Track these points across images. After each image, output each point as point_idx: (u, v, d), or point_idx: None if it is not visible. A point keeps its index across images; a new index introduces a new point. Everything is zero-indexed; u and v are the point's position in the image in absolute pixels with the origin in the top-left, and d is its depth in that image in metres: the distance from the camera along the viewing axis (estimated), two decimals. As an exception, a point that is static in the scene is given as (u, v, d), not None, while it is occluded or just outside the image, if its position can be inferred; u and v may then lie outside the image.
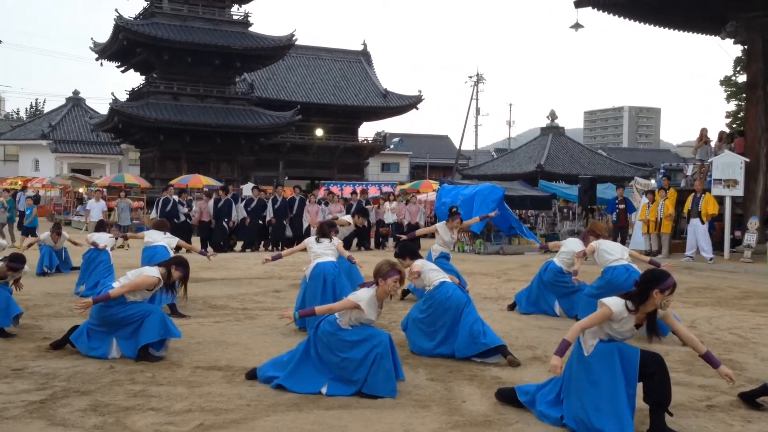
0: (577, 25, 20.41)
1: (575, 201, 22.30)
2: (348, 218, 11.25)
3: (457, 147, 57.74)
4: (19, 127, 54.17)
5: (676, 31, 20.54)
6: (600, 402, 4.51)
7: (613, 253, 7.84)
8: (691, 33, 20.58)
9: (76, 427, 4.55)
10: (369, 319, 5.42)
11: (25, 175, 45.88)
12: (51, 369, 5.92)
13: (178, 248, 9.91)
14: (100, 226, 11.55)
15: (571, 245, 8.84)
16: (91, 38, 39.15)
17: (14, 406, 4.91)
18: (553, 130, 48.63)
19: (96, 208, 21.03)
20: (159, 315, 6.43)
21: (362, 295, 5.38)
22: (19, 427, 4.53)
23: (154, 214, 20.72)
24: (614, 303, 4.57)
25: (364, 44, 55.28)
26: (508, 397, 5.10)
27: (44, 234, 12.85)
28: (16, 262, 7.41)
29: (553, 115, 49.70)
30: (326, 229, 8.22)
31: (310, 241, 8.18)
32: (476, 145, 64.85)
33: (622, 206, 18.15)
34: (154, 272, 6.50)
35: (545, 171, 41.40)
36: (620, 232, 18.02)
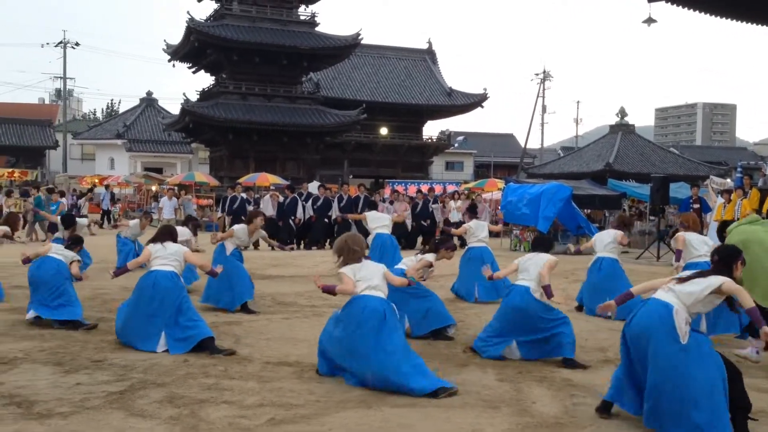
0: (649, 20, 19.85)
1: (646, 200, 21.71)
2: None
3: (523, 145, 57.02)
4: (95, 127, 56.24)
5: (754, 24, 19.74)
6: (699, 396, 4.28)
7: (698, 248, 7.71)
8: (770, 26, 19.74)
9: (153, 417, 4.70)
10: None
11: (101, 173, 47.57)
12: (129, 361, 6.12)
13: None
14: (187, 221, 11.76)
15: (604, 236, 9.23)
16: (164, 40, 40.31)
17: (95, 397, 5.10)
18: (622, 128, 47.51)
19: (168, 206, 21.63)
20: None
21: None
22: (100, 417, 4.70)
23: (221, 213, 21.24)
24: (725, 278, 4.54)
25: (429, 43, 55.15)
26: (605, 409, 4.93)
27: (134, 221, 13.11)
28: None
29: (622, 113, 48.57)
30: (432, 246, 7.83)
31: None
32: (542, 144, 63.93)
33: (696, 206, 17.61)
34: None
35: (614, 169, 40.48)
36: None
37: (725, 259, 4.71)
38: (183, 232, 10.97)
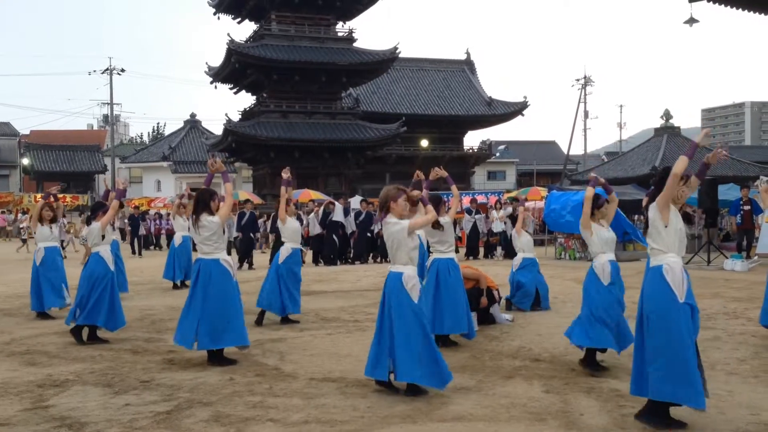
0: (691, 20, 19.52)
1: (695, 204, 21.25)
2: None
3: (565, 152, 56.41)
4: (142, 151, 57.62)
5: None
6: None
7: None
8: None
9: (199, 436, 4.74)
10: None
11: (148, 195, 48.60)
12: (176, 381, 6.20)
13: None
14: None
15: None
16: (206, 63, 41.14)
17: (143, 417, 5.17)
18: (668, 131, 46.62)
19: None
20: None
21: None
22: (148, 436, 4.76)
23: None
24: None
25: (468, 53, 55.13)
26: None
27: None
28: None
29: (667, 115, 47.68)
30: None
31: None
32: (585, 150, 63.14)
33: (747, 207, 17.15)
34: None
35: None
36: (746, 235, 17.02)
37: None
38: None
